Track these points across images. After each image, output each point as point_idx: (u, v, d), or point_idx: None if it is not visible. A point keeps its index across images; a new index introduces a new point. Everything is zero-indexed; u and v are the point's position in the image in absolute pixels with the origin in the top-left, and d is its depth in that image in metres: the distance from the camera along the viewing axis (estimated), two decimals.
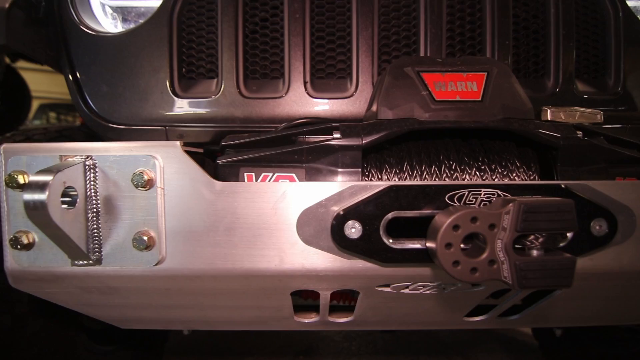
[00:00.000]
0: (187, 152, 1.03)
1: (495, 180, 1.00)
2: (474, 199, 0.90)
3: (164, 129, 1.43)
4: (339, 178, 0.99)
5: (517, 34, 1.45)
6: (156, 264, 0.95)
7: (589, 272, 1.00)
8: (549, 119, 1.15)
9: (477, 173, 1.03)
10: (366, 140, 0.97)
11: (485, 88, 1.02)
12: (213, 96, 1.42)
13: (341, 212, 0.89)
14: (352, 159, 0.98)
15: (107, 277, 1.01)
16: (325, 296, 1.12)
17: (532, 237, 0.82)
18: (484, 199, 0.90)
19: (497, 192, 0.89)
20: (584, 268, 0.98)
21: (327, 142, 0.98)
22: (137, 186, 0.93)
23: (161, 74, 1.43)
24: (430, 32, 1.39)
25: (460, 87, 1.02)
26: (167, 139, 1.46)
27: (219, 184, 0.94)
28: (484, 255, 0.81)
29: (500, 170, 1.02)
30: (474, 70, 1.03)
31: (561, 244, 0.91)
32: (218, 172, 1.03)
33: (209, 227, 0.95)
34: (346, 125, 1.01)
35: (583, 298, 1.17)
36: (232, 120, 1.42)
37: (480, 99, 1.01)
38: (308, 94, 1.40)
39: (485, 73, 1.03)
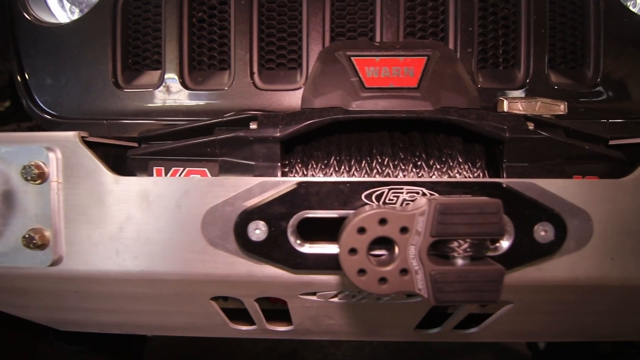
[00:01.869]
0: (97, 143, 0.95)
1: (433, 177, 0.88)
2: (395, 198, 0.78)
3: (105, 123, 1.36)
4: (255, 173, 0.89)
5: (485, 20, 1.33)
6: (52, 264, 0.87)
7: (538, 284, 0.87)
8: (505, 110, 1.03)
9: (414, 170, 0.91)
10: (284, 131, 0.87)
11: (424, 74, 0.91)
12: (156, 88, 1.34)
13: (244, 212, 0.79)
14: (269, 152, 0.88)
15: (11, 277, 0.94)
16: (250, 303, 1.02)
17: (455, 243, 0.71)
18: (407, 198, 0.78)
19: (421, 190, 0.78)
20: (532, 279, 0.86)
21: (241, 134, 0.88)
22: (27, 180, 0.85)
23: (103, 65, 1.36)
24: (386, 17, 1.28)
25: (395, 73, 0.91)
26: (109, 133, 1.39)
27: (117, 178, 0.86)
28: (395, 264, 0.70)
29: (439, 167, 0.90)
30: (413, 55, 0.92)
31: (499, 252, 0.79)
32: (127, 166, 0.95)
33: (107, 226, 0.86)
34: (265, 115, 0.91)
35: (540, 312, 1.04)
36: (175, 113, 1.34)
37: (416, 86, 0.90)
38: (255, 85, 1.31)
39: (425, 58, 0.92)
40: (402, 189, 0.78)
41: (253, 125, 0.90)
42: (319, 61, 0.95)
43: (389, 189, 0.78)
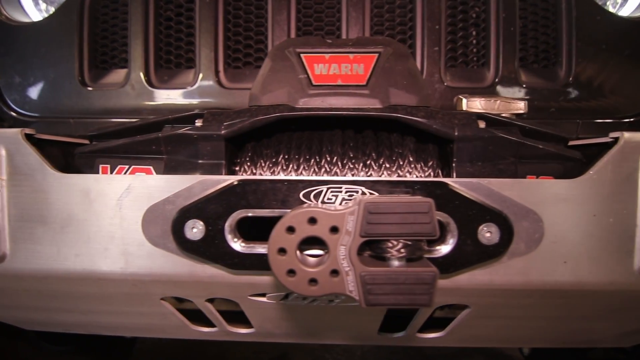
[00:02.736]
0: (50, 141, 0.94)
1: (382, 177, 0.86)
2: (334, 197, 0.76)
3: (71, 122, 1.35)
4: (200, 171, 0.88)
5: (454, 19, 1.30)
6: None
7: (489, 287, 0.84)
8: (464, 108, 1.01)
9: (364, 169, 0.89)
10: (228, 129, 0.85)
11: (373, 71, 0.89)
12: (122, 87, 1.33)
13: (181, 210, 0.78)
14: (214, 150, 0.87)
15: None
16: (203, 304, 1.00)
17: (389, 244, 0.68)
18: (346, 197, 0.76)
19: (361, 189, 0.76)
20: (482, 282, 0.83)
21: (185, 131, 0.86)
22: None
23: (70, 63, 1.36)
24: (352, 16, 1.26)
25: (344, 70, 0.89)
26: (75, 132, 1.38)
27: (60, 176, 0.85)
28: (325, 265, 0.67)
29: (388, 166, 0.88)
30: (363, 52, 0.90)
31: (442, 253, 0.76)
32: (75, 163, 0.94)
33: (50, 224, 0.85)
34: (212, 112, 0.90)
35: (502, 317, 1.00)
36: (140, 112, 1.33)
37: (365, 84, 0.88)
38: (220, 84, 1.30)
39: (376, 55, 0.90)
40: (341, 188, 0.76)
41: (198, 123, 0.88)
42: (269, 58, 0.94)
43: (328, 188, 0.76)
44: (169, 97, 1.32)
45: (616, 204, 0.81)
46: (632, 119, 1.29)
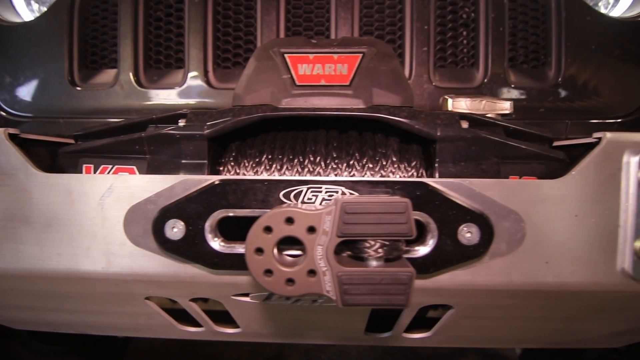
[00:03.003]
0: (35, 140, 0.94)
1: (364, 177, 0.86)
2: (314, 197, 0.76)
3: (61, 122, 1.36)
4: (183, 171, 0.88)
5: (444, 19, 1.30)
6: None
7: (471, 288, 0.84)
8: (450, 109, 1.00)
9: (347, 169, 0.89)
10: (210, 129, 0.85)
11: (357, 72, 0.88)
12: (111, 87, 1.34)
13: (161, 210, 0.78)
14: (196, 150, 0.87)
15: None
16: (187, 304, 1.00)
17: (367, 244, 0.68)
18: (326, 197, 0.76)
19: (341, 189, 0.75)
20: (464, 283, 0.83)
21: (167, 131, 0.87)
22: None
23: (60, 63, 1.36)
24: (341, 16, 1.26)
25: (328, 70, 0.89)
26: (65, 132, 1.39)
27: (42, 175, 0.85)
28: (302, 264, 0.67)
29: (371, 166, 0.88)
30: (347, 52, 0.90)
31: (422, 253, 0.76)
32: (58, 163, 0.94)
33: (33, 223, 0.85)
34: (195, 112, 0.90)
35: (487, 317, 1.00)
36: (128, 112, 1.33)
37: (348, 84, 0.88)
38: (209, 84, 1.30)
39: (360, 55, 0.90)
40: (320, 188, 0.76)
41: (181, 123, 0.88)
42: (254, 58, 0.94)
43: (308, 188, 0.76)
44: (158, 97, 1.32)
45: (598, 204, 0.81)
46: (622, 120, 1.29)
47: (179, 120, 0.89)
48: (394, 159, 0.88)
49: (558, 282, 0.82)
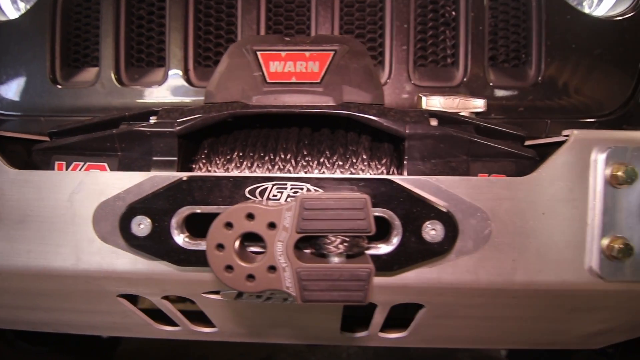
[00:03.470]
0: (7, 138, 0.95)
1: (330, 174, 0.86)
2: (279, 194, 0.76)
3: (42, 120, 1.36)
4: (153, 168, 0.88)
5: (424, 18, 1.30)
6: None
7: (438, 286, 0.84)
8: (424, 107, 1.00)
9: (318, 167, 0.89)
10: (180, 126, 0.86)
11: (328, 69, 0.89)
12: (92, 85, 1.34)
13: (128, 207, 0.78)
14: (167, 147, 0.87)
15: None
16: (160, 302, 1.00)
17: (327, 240, 0.68)
18: (292, 194, 0.76)
19: (306, 186, 0.76)
20: (430, 281, 0.83)
21: (137, 128, 0.87)
22: None
23: (43, 61, 1.36)
24: (320, 14, 1.26)
25: (299, 67, 0.89)
26: (46, 130, 1.39)
27: (11, 171, 0.85)
28: (262, 260, 0.67)
29: (341, 164, 0.88)
30: (319, 50, 0.90)
31: (387, 250, 0.76)
32: (32, 160, 0.95)
33: (4, 220, 0.85)
34: (167, 109, 0.90)
35: (460, 317, 1.00)
36: (109, 110, 1.33)
37: (318, 81, 0.88)
38: (189, 81, 1.30)
39: (332, 52, 0.90)
40: (286, 184, 0.76)
41: (152, 120, 0.89)
42: (227, 56, 0.94)
43: (273, 185, 0.76)
44: (139, 95, 1.32)
45: (566, 202, 0.81)
46: (602, 119, 1.29)
47: (150, 118, 0.90)
48: (364, 157, 0.88)
49: (525, 281, 0.82)
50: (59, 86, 1.35)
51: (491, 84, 1.25)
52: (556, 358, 2.04)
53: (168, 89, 1.31)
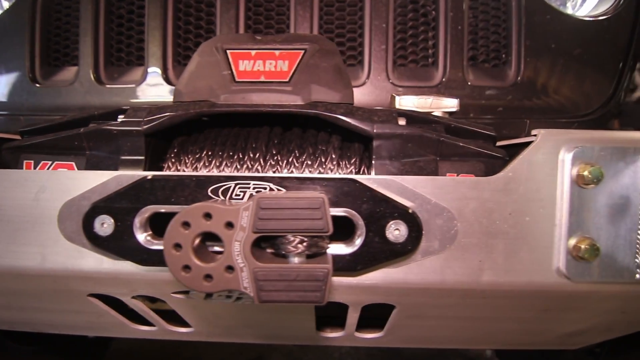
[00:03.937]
0: None
1: (293, 174, 0.86)
2: (242, 193, 0.76)
3: (21, 119, 1.36)
4: (121, 167, 0.88)
5: (404, 18, 1.30)
6: None
7: (406, 286, 0.83)
8: (397, 106, 1.00)
9: (287, 166, 0.89)
10: (147, 125, 0.85)
11: (297, 68, 0.88)
12: (71, 84, 1.33)
13: (92, 206, 0.78)
14: (134, 146, 0.86)
15: None
16: (131, 302, 1.00)
17: (285, 240, 0.68)
18: (254, 193, 0.76)
19: (269, 185, 0.75)
20: (396, 281, 0.82)
21: (104, 127, 0.86)
22: None
23: (21, 60, 1.36)
24: (299, 14, 1.26)
25: (268, 66, 0.89)
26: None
27: None
28: (220, 260, 0.67)
29: (310, 163, 0.87)
30: (289, 48, 0.90)
31: (349, 250, 0.76)
32: (1, 159, 0.94)
33: None
34: (135, 108, 0.90)
35: (434, 317, 0.99)
36: (88, 109, 1.32)
37: (287, 80, 0.87)
38: (168, 80, 1.30)
39: (302, 51, 0.90)
40: (249, 184, 0.76)
41: (120, 118, 0.88)
42: (197, 54, 0.93)
43: (236, 184, 0.76)
44: (117, 94, 1.32)
45: (533, 202, 0.80)
46: (581, 119, 1.28)
47: (119, 116, 0.89)
48: (334, 156, 0.88)
49: (493, 282, 0.82)
50: (38, 85, 1.34)
51: (470, 84, 1.25)
52: (545, 358, 2.04)
53: (147, 87, 1.30)
